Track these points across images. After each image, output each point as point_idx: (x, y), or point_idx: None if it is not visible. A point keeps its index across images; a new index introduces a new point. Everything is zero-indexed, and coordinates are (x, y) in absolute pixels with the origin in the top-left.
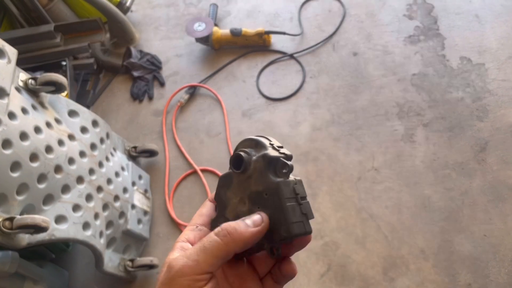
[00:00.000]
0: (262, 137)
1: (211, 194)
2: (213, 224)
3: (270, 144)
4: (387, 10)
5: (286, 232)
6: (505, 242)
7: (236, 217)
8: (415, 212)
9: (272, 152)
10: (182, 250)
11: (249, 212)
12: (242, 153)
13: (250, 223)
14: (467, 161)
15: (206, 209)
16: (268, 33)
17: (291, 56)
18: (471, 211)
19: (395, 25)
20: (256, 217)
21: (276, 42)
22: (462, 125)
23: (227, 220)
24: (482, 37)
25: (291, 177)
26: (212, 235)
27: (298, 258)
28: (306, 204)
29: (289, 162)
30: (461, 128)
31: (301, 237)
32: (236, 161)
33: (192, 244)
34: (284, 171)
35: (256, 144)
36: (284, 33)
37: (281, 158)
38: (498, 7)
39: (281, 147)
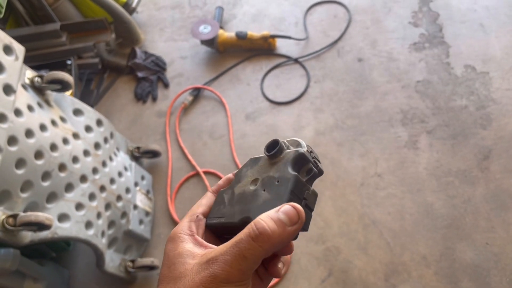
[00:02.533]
0: (308, 145)
1: (212, 187)
2: (219, 194)
3: (310, 152)
4: (392, 17)
5: None
6: (507, 250)
7: (242, 194)
8: (418, 219)
9: (307, 154)
10: (199, 245)
11: (254, 192)
12: (280, 141)
13: (287, 220)
14: (470, 169)
15: (206, 199)
16: (273, 37)
17: (296, 60)
18: (473, 219)
19: (400, 32)
20: (290, 210)
21: (281, 46)
22: (466, 133)
23: (232, 193)
24: (486, 46)
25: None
26: (250, 241)
27: (300, 262)
28: (308, 214)
29: (315, 169)
30: (464, 136)
31: None
32: (272, 145)
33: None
34: (307, 175)
35: (297, 145)
36: (289, 37)
37: (312, 164)
38: (503, 17)
39: (319, 161)
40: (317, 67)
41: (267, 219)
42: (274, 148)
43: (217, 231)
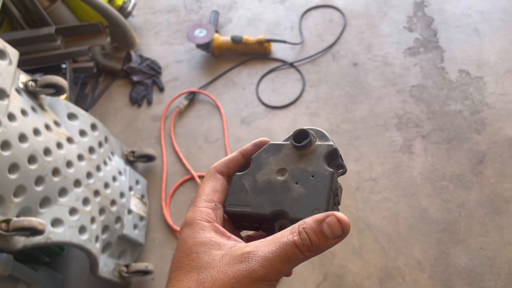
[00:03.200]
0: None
1: (217, 164)
2: (236, 178)
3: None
4: (387, 21)
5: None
6: (501, 255)
7: (268, 183)
8: (412, 223)
9: (337, 150)
10: (222, 235)
11: (284, 184)
12: (310, 131)
13: (330, 234)
14: (464, 173)
15: (220, 184)
16: (269, 41)
17: (291, 64)
18: (468, 223)
19: (395, 36)
20: (334, 223)
21: (277, 50)
22: (460, 138)
23: (255, 181)
24: (481, 51)
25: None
26: (295, 247)
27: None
28: (338, 209)
29: (345, 167)
30: (459, 140)
31: None
32: (300, 136)
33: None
34: (339, 170)
35: (322, 136)
36: (284, 42)
37: (341, 159)
38: (497, 21)
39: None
40: (312, 71)
41: (311, 232)
42: (303, 138)
43: (236, 219)
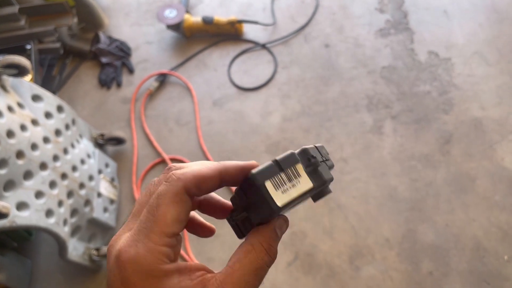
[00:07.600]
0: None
1: (187, 178)
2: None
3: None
4: (359, 3)
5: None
6: (466, 231)
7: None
8: (382, 202)
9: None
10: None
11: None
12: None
13: (280, 234)
14: (432, 153)
15: (185, 211)
16: (240, 22)
17: (263, 46)
18: (434, 202)
19: (367, 18)
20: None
21: (248, 31)
22: (429, 118)
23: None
24: (449, 33)
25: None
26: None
27: None
28: (331, 163)
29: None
30: (427, 120)
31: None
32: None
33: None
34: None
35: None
36: (256, 23)
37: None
38: (466, 4)
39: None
40: (284, 52)
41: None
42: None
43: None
